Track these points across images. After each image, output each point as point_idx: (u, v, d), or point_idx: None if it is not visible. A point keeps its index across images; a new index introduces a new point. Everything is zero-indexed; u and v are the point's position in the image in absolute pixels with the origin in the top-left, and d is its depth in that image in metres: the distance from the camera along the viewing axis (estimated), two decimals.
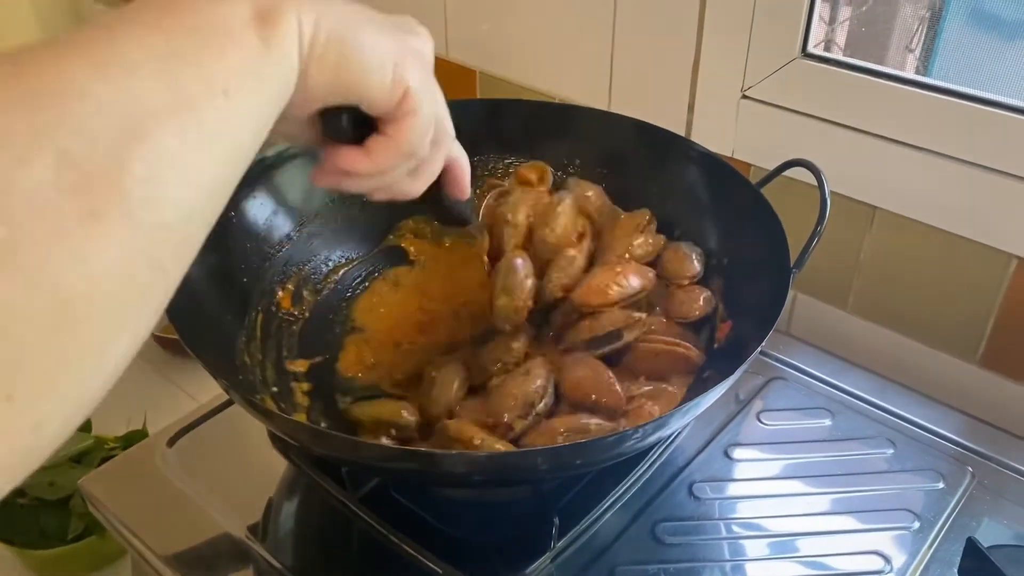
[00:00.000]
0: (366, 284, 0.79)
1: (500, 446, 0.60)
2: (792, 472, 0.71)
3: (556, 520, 0.62)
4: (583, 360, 0.67)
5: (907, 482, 0.70)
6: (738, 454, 0.73)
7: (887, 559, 0.64)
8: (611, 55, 0.96)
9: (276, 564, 0.64)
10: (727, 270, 0.73)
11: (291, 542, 0.67)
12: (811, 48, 0.82)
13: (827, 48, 0.89)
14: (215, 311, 0.67)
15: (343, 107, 0.43)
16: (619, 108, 0.97)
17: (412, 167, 0.49)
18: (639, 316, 0.68)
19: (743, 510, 0.68)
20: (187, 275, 0.69)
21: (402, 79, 0.43)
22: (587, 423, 0.62)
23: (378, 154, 0.46)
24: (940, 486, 0.70)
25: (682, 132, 0.92)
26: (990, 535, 0.65)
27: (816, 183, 0.67)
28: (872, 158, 0.80)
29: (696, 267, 0.73)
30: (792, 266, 0.63)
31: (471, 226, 0.67)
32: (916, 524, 0.67)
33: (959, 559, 0.63)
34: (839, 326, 0.89)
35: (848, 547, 0.65)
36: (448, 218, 0.62)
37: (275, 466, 0.72)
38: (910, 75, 0.79)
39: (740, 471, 0.71)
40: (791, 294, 0.63)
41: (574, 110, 0.83)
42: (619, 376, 0.66)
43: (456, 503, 0.69)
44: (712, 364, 0.68)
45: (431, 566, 0.62)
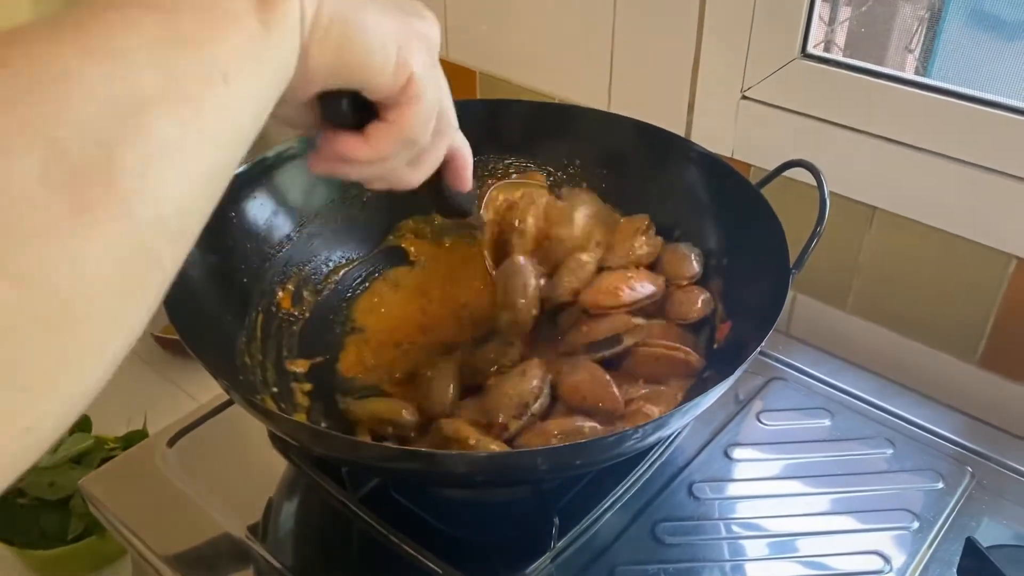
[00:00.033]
0: (366, 284, 0.79)
1: (495, 446, 0.60)
2: (792, 472, 0.71)
3: (556, 520, 0.62)
4: (581, 364, 0.67)
5: (906, 482, 0.70)
6: (738, 454, 0.73)
7: (886, 559, 0.64)
8: (611, 55, 0.96)
9: (276, 564, 0.64)
10: (727, 270, 0.73)
11: (291, 542, 0.67)
12: (811, 48, 0.83)
13: (827, 48, 0.89)
14: (215, 311, 0.67)
15: (343, 91, 0.42)
16: (619, 108, 0.97)
17: (413, 156, 0.47)
18: (638, 322, 0.68)
19: (743, 510, 0.68)
20: (187, 275, 0.69)
21: (406, 63, 0.42)
22: (581, 425, 0.62)
23: (378, 141, 0.44)
24: (939, 486, 0.70)
25: (682, 132, 0.92)
26: (989, 535, 0.65)
27: (816, 183, 0.67)
28: (872, 158, 0.80)
29: (695, 268, 0.73)
30: (792, 266, 0.63)
31: (472, 218, 0.66)
32: (915, 524, 0.67)
33: (958, 559, 0.63)
34: (838, 326, 0.89)
35: (847, 547, 0.65)
36: (448, 209, 0.61)
37: (275, 466, 0.72)
38: (909, 75, 0.79)
39: (740, 471, 0.72)
40: (791, 294, 0.63)
41: (574, 110, 0.84)
42: (617, 380, 0.66)
43: (456, 503, 0.69)
44: (712, 364, 0.68)
45: (431, 566, 0.62)
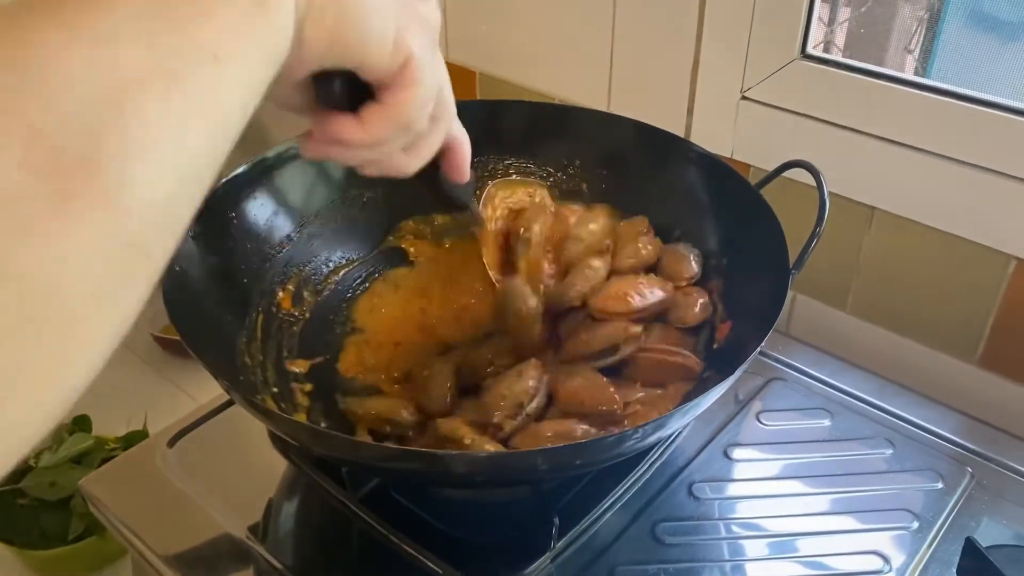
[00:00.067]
0: (366, 285, 0.79)
1: (489, 446, 0.60)
2: (791, 472, 0.71)
3: (556, 520, 0.62)
4: (579, 370, 0.67)
5: (906, 482, 0.70)
6: (737, 454, 0.73)
7: (886, 559, 0.64)
8: (611, 56, 0.96)
9: (276, 564, 0.64)
10: (726, 271, 0.73)
11: (291, 542, 0.67)
12: (810, 49, 0.83)
13: (826, 49, 0.89)
14: (216, 312, 0.67)
15: (338, 71, 0.40)
16: (619, 109, 0.97)
17: (408, 141, 0.45)
18: (635, 331, 0.67)
19: (742, 510, 0.68)
20: (187, 275, 0.70)
21: (404, 45, 0.40)
22: (575, 428, 0.62)
23: (372, 124, 0.42)
24: (939, 486, 0.70)
25: (681, 133, 0.92)
26: (989, 535, 0.65)
27: (815, 184, 0.67)
28: (871, 159, 0.80)
29: (694, 268, 0.73)
30: (791, 267, 0.63)
31: (469, 211, 0.64)
32: (915, 524, 0.67)
33: (958, 559, 0.63)
34: (838, 326, 0.89)
35: (847, 547, 0.65)
36: (445, 201, 0.59)
37: (275, 466, 0.72)
38: (909, 76, 0.79)
39: (739, 471, 0.72)
40: (790, 295, 0.63)
41: (574, 111, 0.84)
42: (616, 384, 0.66)
43: (456, 503, 0.69)
44: (712, 364, 0.68)
45: (431, 566, 0.62)
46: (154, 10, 0.28)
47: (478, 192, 0.74)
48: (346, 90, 0.42)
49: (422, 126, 0.45)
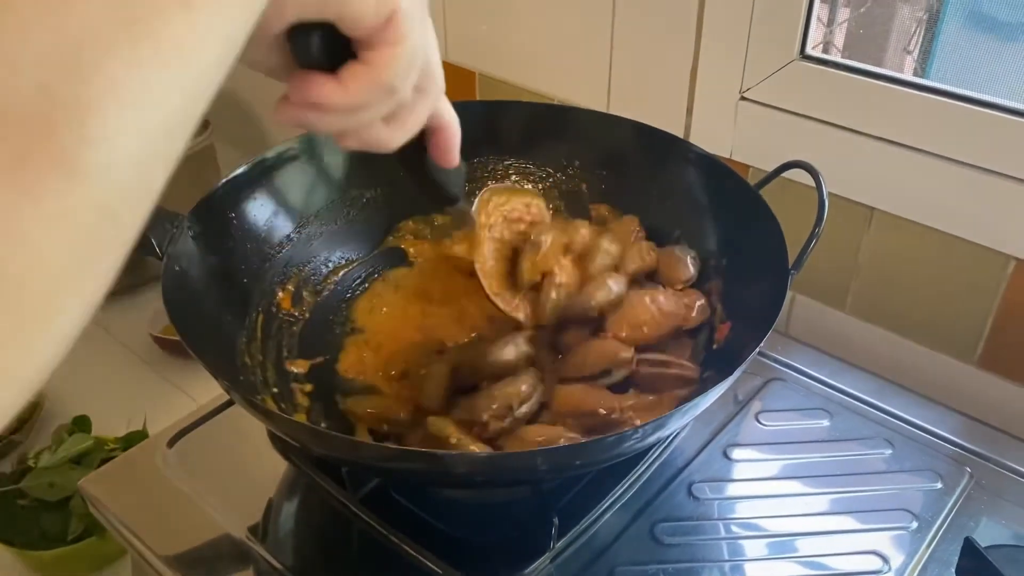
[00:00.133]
0: (366, 285, 0.79)
1: (474, 447, 0.60)
2: (791, 472, 0.72)
3: (556, 520, 0.62)
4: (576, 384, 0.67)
5: (905, 482, 0.70)
6: (737, 454, 0.73)
7: (885, 559, 0.64)
8: (610, 57, 0.96)
9: (276, 565, 0.64)
10: (726, 271, 0.73)
11: (291, 543, 0.67)
12: (809, 50, 0.83)
13: (825, 50, 0.89)
14: (215, 312, 0.67)
15: (316, 24, 0.38)
16: (618, 110, 0.97)
17: (390, 109, 0.42)
18: (626, 356, 0.67)
19: (742, 510, 0.68)
20: (187, 275, 0.69)
21: None
22: (564, 435, 0.62)
23: (353, 84, 0.39)
24: (938, 486, 0.70)
25: (681, 134, 0.92)
26: (988, 535, 0.65)
27: (814, 184, 0.67)
28: (870, 159, 0.80)
29: (690, 271, 0.73)
30: (790, 267, 0.63)
31: (459, 206, 0.60)
32: (914, 524, 0.67)
33: (957, 559, 0.63)
34: (837, 327, 0.89)
35: (846, 547, 0.65)
36: (433, 191, 0.56)
37: (275, 467, 0.72)
38: (908, 77, 0.79)
39: (739, 471, 0.72)
40: (789, 295, 0.63)
41: (573, 112, 0.84)
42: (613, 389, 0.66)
43: (456, 503, 0.69)
44: (711, 365, 0.68)
45: (431, 566, 0.62)
46: None
47: (472, 195, 0.73)
48: (325, 47, 0.39)
49: (406, 93, 0.42)
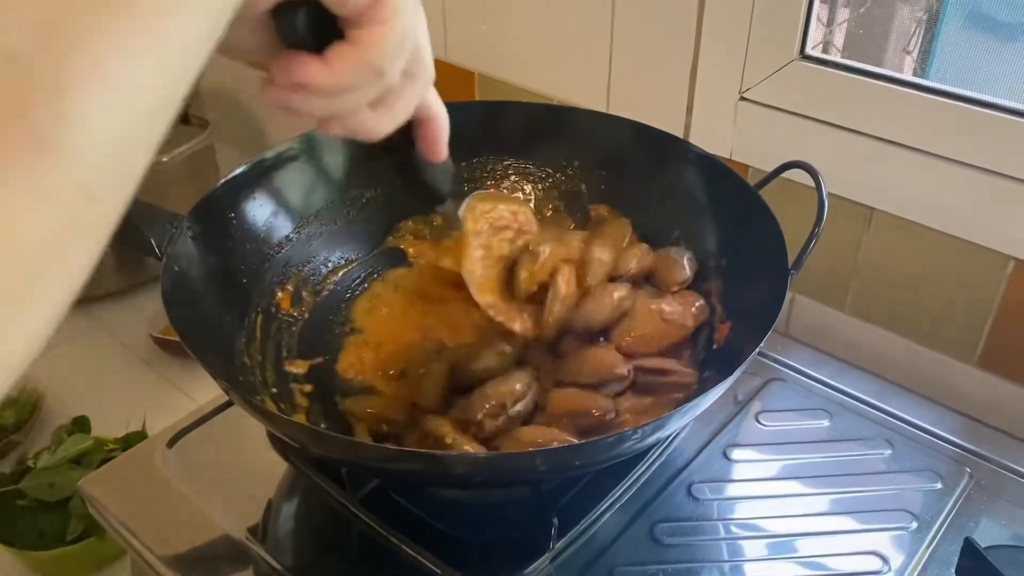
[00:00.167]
0: (365, 285, 0.79)
1: (469, 447, 0.60)
2: (790, 473, 0.72)
3: (555, 520, 0.62)
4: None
5: (905, 483, 0.70)
6: (736, 455, 0.73)
7: (885, 559, 0.64)
8: (609, 57, 0.96)
9: (276, 565, 0.64)
10: (725, 271, 0.73)
11: (291, 543, 0.67)
12: (809, 50, 0.83)
13: (825, 50, 0.89)
14: (215, 312, 0.67)
15: (302, 2, 0.37)
16: (617, 110, 0.97)
17: (378, 93, 0.41)
18: (621, 372, 0.66)
19: (741, 511, 0.68)
20: (187, 276, 0.69)
21: None
22: (559, 436, 0.61)
23: (339, 64, 0.38)
24: (938, 487, 0.70)
25: (680, 134, 0.92)
26: (988, 535, 0.65)
27: (814, 185, 0.67)
28: (870, 160, 0.80)
29: (686, 273, 0.73)
30: (790, 267, 0.63)
31: (447, 205, 0.59)
32: (914, 524, 0.67)
33: (957, 559, 0.63)
34: (837, 327, 0.89)
35: (846, 547, 0.65)
36: (421, 189, 0.55)
37: (275, 467, 0.72)
38: (908, 77, 0.79)
39: (738, 472, 0.72)
40: (789, 295, 0.64)
41: (573, 112, 0.84)
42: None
43: (456, 504, 0.69)
44: (711, 365, 0.68)
45: (431, 567, 0.62)
46: None
47: (461, 199, 0.72)
48: (311, 25, 0.38)
49: (393, 76, 0.40)
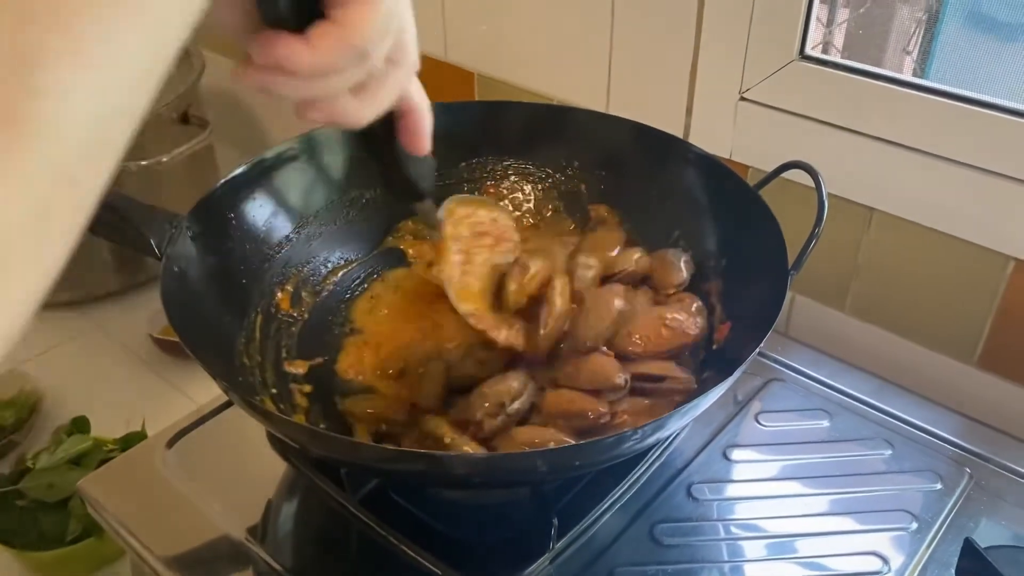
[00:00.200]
0: (365, 286, 0.79)
1: (468, 447, 0.60)
2: (790, 473, 0.72)
3: (555, 521, 0.62)
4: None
5: (905, 483, 0.70)
6: (736, 455, 0.73)
7: (885, 560, 0.64)
8: (609, 57, 0.96)
9: (276, 566, 0.64)
10: (725, 272, 0.73)
11: (290, 544, 0.67)
12: (809, 50, 0.83)
13: (825, 50, 0.89)
14: (214, 312, 0.67)
15: None
16: (617, 110, 0.97)
17: (360, 78, 0.40)
18: (619, 382, 0.65)
19: (741, 511, 0.68)
20: (186, 276, 0.69)
21: None
22: (553, 436, 0.61)
23: (322, 44, 0.37)
24: (938, 487, 0.70)
25: (680, 134, 0.92)
26: (988, 536, 0.65)
27: (814, 185, 0.67)
28: (870, 160, 0.80)
29: (683, 275, 0.73)
30: (790, 268, 0.63)
31: (427, 204, 0.58)
32: (914, 525, 0.67)
33: (957, 560, 0.63)
34: (837, 327, 0.89)
35: (846, 548, 0.65)
36: (402, 185, 0.54)
37: (274, 468, 0.72)
38: (907, 77, 0.79)
39: (738, 472, 0.72)
40: (789, 295, 0.63)
41: (572, 112, 0.84)
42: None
43: (455, 504, 0.69)
44: (711, 365, 0.68)
45: (430, 567, 0.62)
46: None
47: (438, 199, 0.71)
48: (293, 3, 0.37)
49: (377, 60, 0.40)
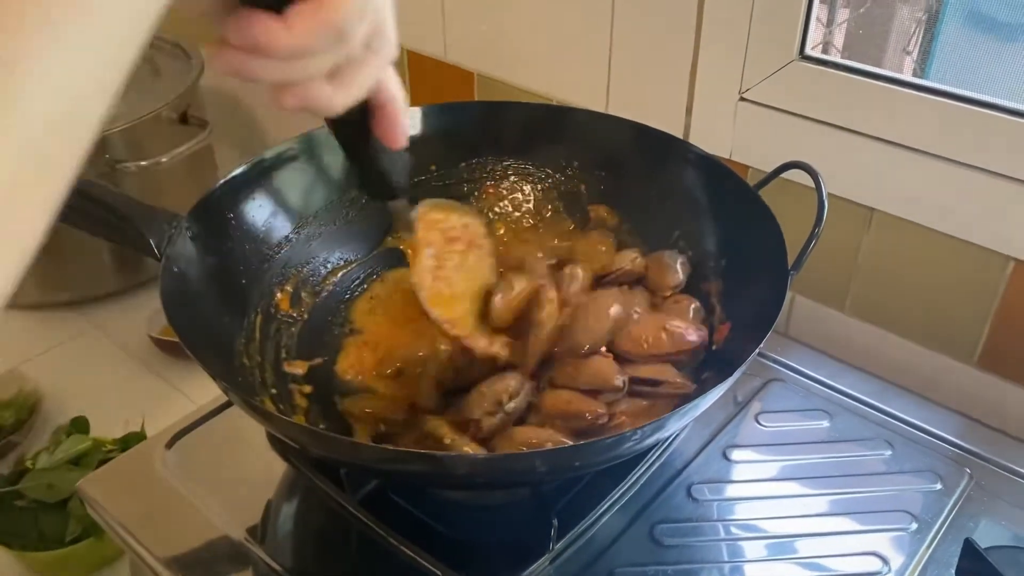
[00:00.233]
0: (364, 286, 0.79)
1: (467, 448, 0.60)
2: (790, 474, 0.71)
3: (555, 522, 0.62)
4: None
5: (905, 483, 0.70)
6: (736, 456, 0.73)
7: (885, 560, 0.64)
8: (609, 57, 0.96)
9: (275, 566, 0.64)
10: (725, 272, 0.73)
11: (290, 544, 0.67)
12: (809, 50, 0.83)
13: (825, 50, 0.89)
14: (214, 313, 0.67)
15: None
16: (617, 110, 0.97)
17: (337, 62, 0.39)
18: (617, 384, 0.65)
19: (741, 512, 0.68)
20: (186, 276, 0.69)
21: None
22: (555, 436, 0.61)
23: (299, 24, 0.36)
24: (938, 487, 0.70)
25: (680, 134, 0.92)
26: (988, 536, 0.65)
27: (814, 185, 0.67)
28: (870, 160, 0.80)
29: (679, 277, 0.73)
30: (790, 268, 0.63)
31: (401, 203, 0.57)
32: (914, 525, 0.67)
33: (957, 560, 0.63)
34: (837, 328, 0.89)
35: (846, 548, 0.65)
36: (376, 180, 0.53)
37: (274, 468, 0.72)
38: (907, 77, 0.79)
39: (738, 473, 0.72)
40: (789, 296, 0.63)
41: (572, 112, 0.84)
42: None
43: (455, 505, 0.69)
44: (710, 365, 0.68)
45: (430, 568, 0.62)
46: None
47: (412, 200, 0.66)
48: None
49: (354, 43, 0.39)
